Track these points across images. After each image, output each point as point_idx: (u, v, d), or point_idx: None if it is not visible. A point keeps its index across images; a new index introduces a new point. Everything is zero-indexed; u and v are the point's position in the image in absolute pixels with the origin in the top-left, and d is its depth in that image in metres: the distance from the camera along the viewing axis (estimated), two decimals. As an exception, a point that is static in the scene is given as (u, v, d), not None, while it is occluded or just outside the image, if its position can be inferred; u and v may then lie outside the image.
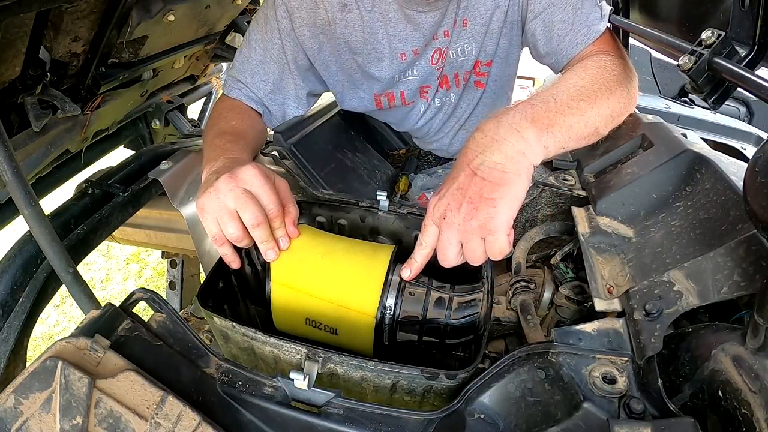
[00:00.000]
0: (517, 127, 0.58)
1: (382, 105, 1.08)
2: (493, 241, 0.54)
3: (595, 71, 0.72)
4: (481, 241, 0.55)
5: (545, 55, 0.89)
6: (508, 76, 1.07)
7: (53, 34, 0.98)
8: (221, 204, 0.61)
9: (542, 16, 0.86)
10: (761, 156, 0.39)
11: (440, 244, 0.57)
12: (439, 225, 0.56)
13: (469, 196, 0.54)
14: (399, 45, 0.96)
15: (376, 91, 1.05)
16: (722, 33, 0.60)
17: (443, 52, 0.98)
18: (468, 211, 0.54)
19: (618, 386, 0.47)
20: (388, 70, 0.99)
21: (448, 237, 0.56)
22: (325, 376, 0.53)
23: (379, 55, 0.97)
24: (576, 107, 0.64)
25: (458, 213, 0.54)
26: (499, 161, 0.55)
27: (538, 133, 0.58)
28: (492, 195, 0.54)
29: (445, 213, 0.55)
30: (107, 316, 0.52)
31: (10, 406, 0.43)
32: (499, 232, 0.54)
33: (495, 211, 0.53)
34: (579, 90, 0.67)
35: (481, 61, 1.00)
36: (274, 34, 0.95)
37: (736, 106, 2.11)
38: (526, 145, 0.57)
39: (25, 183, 0.71)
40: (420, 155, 1.34)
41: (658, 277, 0.53)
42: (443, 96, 1.08)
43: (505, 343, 0.72)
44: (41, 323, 2.79)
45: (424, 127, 1.16)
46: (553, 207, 0.81)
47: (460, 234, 0.55)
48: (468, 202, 0.54)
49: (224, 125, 0.88)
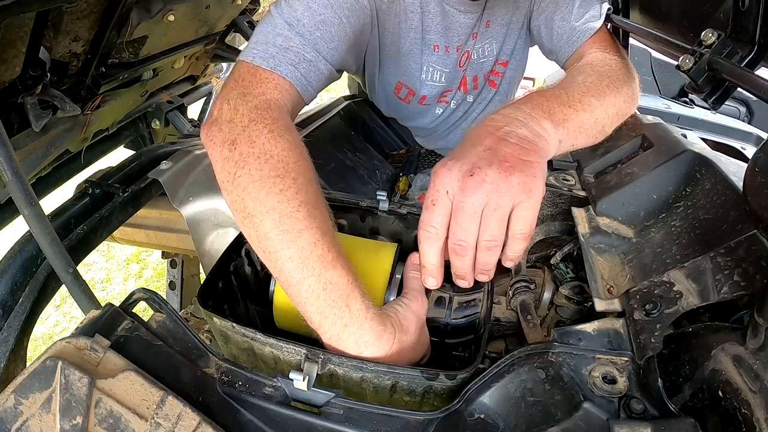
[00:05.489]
0: (536, 116, 0.55)
1: (400, 94, 1.05)
2: (526, 209, 0.46)
3: (601, 69, 0.72)
4: (509, 210, 0.47)
5: (549, 52, 0.91)
6: (519, 75, 1.09)
7: (53, 34, 0.98)
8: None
9: (545, 14, 0.88)
10: (761, 156, 0.39)
11: (458, 223, 0.47)
12: (464, 186, 0.46)
13: (502, 155, 0.47)
14: (433, 37, 0.92)
15: (402, 79, 1.01)
16: (722, 33, 0.60)
17: (469, 54, 0.98)
18: (504, 169, 0.46)
19: (618, 386, 0.47)
20: (419, 59, 0.95)
21: (473, 203, 0.46)
22: (325, 376, 0.53)
23: (413, 43, 0.93)
24: (587, 103, 0.63)
25: (491, 170, 0.46)
26: (528, 135, 0.51)
27: (554, 127, 0.56)
28: (527, 157, 0.47)
29: (472, 170, 0.46)
30: (107, 316, 0.51)
31: (10, 406, 0.43)
32: (535, 198, 0.47)
33: (533, 171, 0.47)
34: (588, 87, 0.67)
35: (499, 60, 1.00)
36: None
37: (736, 106, 2.11)
38: (546, 133, 0.55)
39: (25, 183, 0.71)
40: (420, 155, 1.34)
41: (658, 277, 0.53)
42: (461, 99, 1.08)
43: (505, 343, 0.72)
44: (41, 323, 2.79)
45: (437, 127, 1.16)
46: (553, 207, 0.81)
47: (493, 196, 0.46)
48: (502, 161, 0.46)
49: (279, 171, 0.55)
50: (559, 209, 0.80)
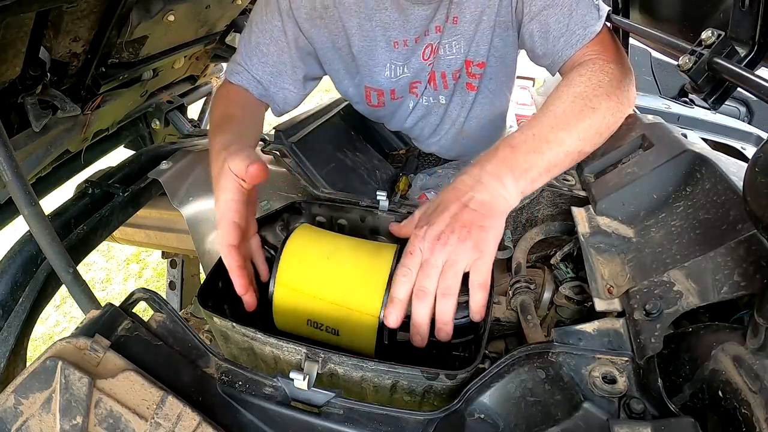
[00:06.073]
0: (498, 174, 0.64)
1: (371, 100, 1.08)
2: (480, 265, 0.58)
3: (580, 89, 0.72)
4: (465, 266, 0.58)
5: (542, 56, 0.88)
6: (505, 78, 1.06)
7: (53, 34, 0.98)
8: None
9: (538, 18, 0.85)
10: (761, 156, 0.39)
11: (424, 272, 0.59)
12: (432, 247, 0.59)
13: (462, 221, 0.60)
14: (392, 33, 0.96)
15: (368, 84, 1.05)
16: (722, 33, 0.60)
17: (435, 47, 0.98)
18: (462, 234, 0.59)
19: (618, 386, 0.47)
20: (382, 57, 0.99)
21: (436, 260, 0.59)
22: (325, 376, 0.53)
23: (373, 43, 0.97)
24: (554, 140, 0.67)
25: (452, 235, 0.59)
26: (486, 199, 0.62)
27: (515, 180, 0.64)
28: (483, 223, 0.60)
29: (439, 235, 0.59)
30: (107, 316, 0.52)
31: (10, 406, 0.43)
32: (488, 256, 0.59)
33: (486, 236, 0.59)
34: (559, 118, 0.69)
35: (472, 61, 0.99)
36: (275, 15, 0.95)
37: (736, 106, 2.11)
38: (505, 191, 0.64)
39: (25, 183, 0.72)
40: (420, 155, 1.34)
41: (658, 277, 0.53)
42: (431, 95, 1.07)
43: (505, 343, 0.72)
44: (41, 323, 2.79)
45: (415, 127, 1.15)
46: (553, 207, 0.81)
47: (452, 255, 0.58)
48: (461, 226, 0.59)
49: (216, 114, 0.90)
50: (559, 209, 0.80)
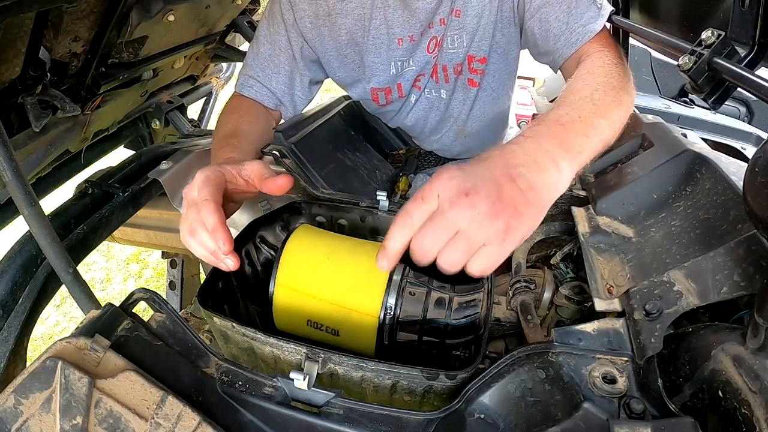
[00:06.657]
0: (554, 155, 0.55)
1: (379, 100, 1.09)
2: (496, 251, 0.49)
3: (605, 79, 0.70)
4: (480, 245, 0.48)
5: (543, 54, 0.89)
6: (507, 76, 1.06)
7: (53, 34, 0.99)
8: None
9: (538, 15, 0.85)
10: (761, 156, 0.39)
11: (433, 225, 0.48)
12: (455, 200, 0.47)
13: (503, 195, 0.48)
14: (396, 31, 0.97)
15: (374, 85, 1.06)
16: (722, 33, 0.60)
17: (439, 40, 0.98)
18: (496, 209, 0.47)
19: (618, 386, 0.47)
20: (386, 56, 1.00)
21: (454, 220, 0.47)
22: (325, 376, 0.53)
23: (377, 42, 0.98)
24: (598, 126, 0.62)
25: (485, 202, 0.47)
26: (537, 184, 0.52)
27: (571, 162, 0.56)
28: (523, 210, 0.49)
29: (469, 192, 0.47)
30: (107, 316, 0.52)
31: (10, 406, 0.43)
32: (507, 249, 0.49)
33: (519, 225, 0.49)
34: (598, 107, 0.65)
35: (474, 56, 0.99)
36: (280, 27, 0.98)
37: (736, 106, 2.11)
38: (560, 176, 0.55)
39: (25, 183, 0.72)
40: (420, 155, 1.34)
41: (658, 277, 0.53)
42: (433, 88, 1.07)
43: (505, 343, 0.72)
44: (41, 323, 2.79)
45: (416, 125, 1.16)
46: (553, 207, 0.81)
47: (472, 225, 0.47)
48: (498, 200, 0.48)
49: (224, 129, 0.89)
50: (559, 209, 0.80)
